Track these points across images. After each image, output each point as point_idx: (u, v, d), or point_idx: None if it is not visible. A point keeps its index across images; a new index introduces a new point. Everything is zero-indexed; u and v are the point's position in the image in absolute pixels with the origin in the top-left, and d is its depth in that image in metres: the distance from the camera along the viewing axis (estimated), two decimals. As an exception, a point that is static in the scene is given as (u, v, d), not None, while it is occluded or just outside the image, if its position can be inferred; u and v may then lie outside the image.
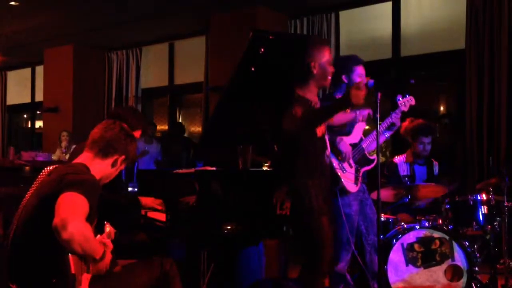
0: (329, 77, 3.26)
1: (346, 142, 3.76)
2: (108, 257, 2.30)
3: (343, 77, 3.80)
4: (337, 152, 3.70)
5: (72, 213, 2.05)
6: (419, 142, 4.55)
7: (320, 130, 3.20)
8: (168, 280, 2.62)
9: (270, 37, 3.34)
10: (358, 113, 3.79)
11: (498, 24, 5.67)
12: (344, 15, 7.08)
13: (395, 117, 3.99)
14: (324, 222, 3.08)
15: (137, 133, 3.38)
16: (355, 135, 3.91)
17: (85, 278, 2.21)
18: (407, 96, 4.06)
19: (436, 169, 4.68)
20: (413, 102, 4.06)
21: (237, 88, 3.42)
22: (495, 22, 5.69)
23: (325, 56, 3.22)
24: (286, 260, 4.31)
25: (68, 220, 2.01)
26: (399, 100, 4.04)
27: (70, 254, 2.09)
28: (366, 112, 3.87)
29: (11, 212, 2.46)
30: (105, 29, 8.45)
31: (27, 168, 6.38)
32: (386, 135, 4.04)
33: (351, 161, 3.80)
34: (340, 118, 3.66)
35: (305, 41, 3.76)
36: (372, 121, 3.87)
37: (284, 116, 3.13)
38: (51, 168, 2.41)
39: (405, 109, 4.04)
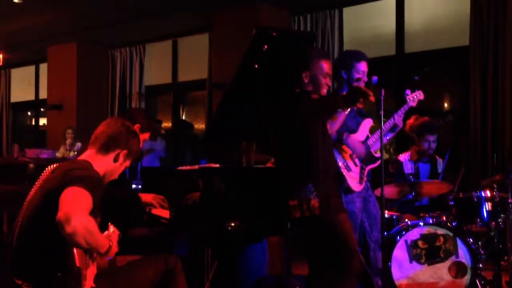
0: (324, 90, 3.19)
1: (353, 139, 3.73)
2: (114, 251, 2.31)
3: (342, 72, 3.74)
4: (341, 149, 3.68)
5: (75, 207, 2.06)
6: (424, 140, 4.54)
7: (331, 130, 3.18)
8: (173, 277, 2.63)
9: (274, 34, 3.34)
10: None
11: (502, 20, 5.64)
12: (347, 11, 7.07)
13: (397, 119, 3.91)
14: (344, 218, 3.07)
15: (145, 135, 3.47)
16: (361, 133, 3.87)
17: (90, 273, 2.22)
18: (416, 90, 3.98)
19: (440, 166, 4.67)
20: (422, 97, 3.96)
21: (240, 86, 3.42)
22: (499, 19, 5.67)
23: (320, 68, 3.16)
24: (290, 257, 4.31)
25: (71, 214, 2.02)
26: (407, 94, 3.95)
27: (75, 248, 2.10)
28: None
29: (15, 209, 2.47)
30: (109, 26, 8.45)
31: (31, 165, 6.37)
32: (388, 137, 4.00)
33: (356, 160, 3.78)
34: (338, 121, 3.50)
35: (309, 38, 3.76)
36: (376, 118, 3.84)
37: (299, 105, 3.06)
38: (55, 165, 2.43)
39: (414, 104, 3.95)
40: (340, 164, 3.63)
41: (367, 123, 3.92)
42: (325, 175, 3.08)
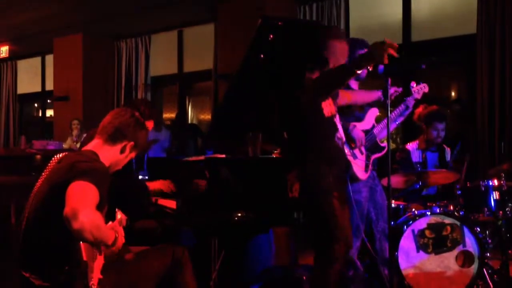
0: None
1: (358, 129, 3.73)
2: (120, 241, 2.32)
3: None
4: (349, 139, 3.68)
5: (82, 202, 2.05)
6: (433, 128, 4.52)
7: (328, 110, 3.12)
8: (180, 267, 2.64)
9: (279, 23, 3.31)
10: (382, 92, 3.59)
11: (510, 8, 5.59)
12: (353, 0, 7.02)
13: (408, 101, 3.95)
14: (334, 203, 3.01)
15: (149, 123, 3.45)
16: (368, 121, 3.87)
17: (97, 265, 2.23)
18: (421, 83, 4.02)
19: (448, 155, 4.65)
20: (426, 89, 4.01)
21: (246, 76, 3.41)
22: (506, 6, 5.62)
23: (337, 50, 3.20)
24: (297, 247, 4.31)
25: (78, 210, 2.01)
26: (412, 87, 4.00)
27: (81, 241, 2.10)
28: (393, 89, 3.75)
29: (23, 200, 2.48)
30: (114, 17, 8.44)
31: (38, 156, 6.41)
32: (398, 122, 4.00)
33: (362, 148, 3.78)
34: (365, 97, 3.58)
35: (314, 27, 3.74)
36: (382, 107, 3.83)
37: (298, 91, 3.08)
38: (61, 155, 2.42)
39: (419, 96, 4.00)
40: (346, 151, 3.62)
41: (373, 112, 3.92)
42: (317, 157, 3.05)
